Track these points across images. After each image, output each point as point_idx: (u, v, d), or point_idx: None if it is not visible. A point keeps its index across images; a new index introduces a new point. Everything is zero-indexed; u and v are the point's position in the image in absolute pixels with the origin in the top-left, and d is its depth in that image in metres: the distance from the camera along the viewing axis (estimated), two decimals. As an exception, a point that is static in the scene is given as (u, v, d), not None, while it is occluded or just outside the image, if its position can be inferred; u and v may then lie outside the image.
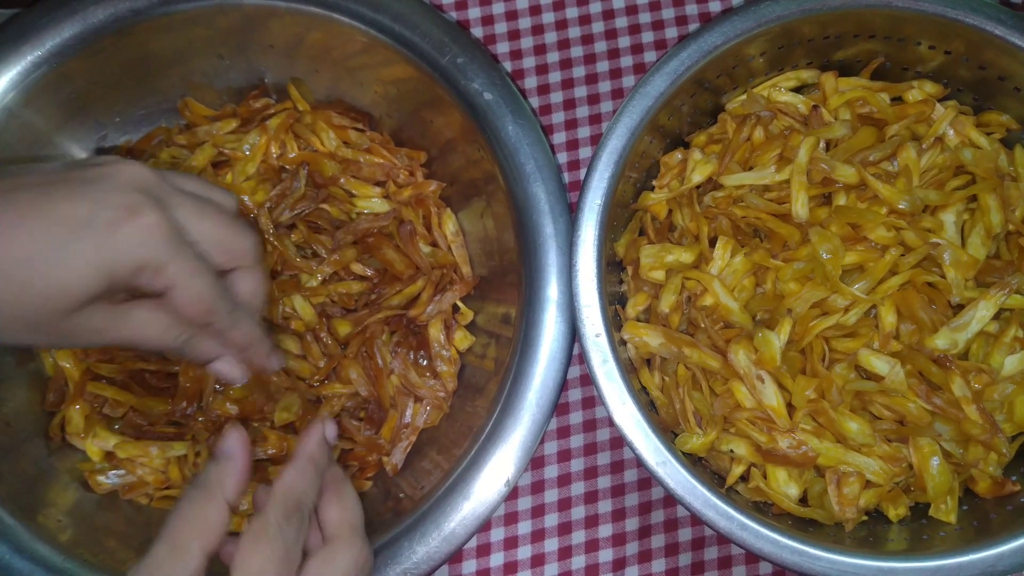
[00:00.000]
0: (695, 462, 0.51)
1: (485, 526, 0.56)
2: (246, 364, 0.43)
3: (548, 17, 0.65)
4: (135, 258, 0.34)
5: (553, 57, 0.64)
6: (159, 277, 0.36)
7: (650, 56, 0.65)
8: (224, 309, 0.39)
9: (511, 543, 0.58)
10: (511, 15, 0.65)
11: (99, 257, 0.34)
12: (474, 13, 0.65)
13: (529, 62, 0.64)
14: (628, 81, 0.64)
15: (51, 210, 0.33)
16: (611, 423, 0.58)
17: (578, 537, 0.58)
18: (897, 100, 0.56)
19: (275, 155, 0.59)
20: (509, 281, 0.55)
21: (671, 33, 0.65)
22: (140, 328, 0.37)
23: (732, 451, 0.50)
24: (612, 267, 0.55)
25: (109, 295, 0.36)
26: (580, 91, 0.64)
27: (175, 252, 0.35)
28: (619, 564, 0.58)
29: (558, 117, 0.64)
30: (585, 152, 0.63)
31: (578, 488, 0.59)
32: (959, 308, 0.50)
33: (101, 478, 0.54)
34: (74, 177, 0.35)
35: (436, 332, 0.57)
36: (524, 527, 0.58)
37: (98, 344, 0.38)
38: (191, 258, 0.36)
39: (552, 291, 0.51)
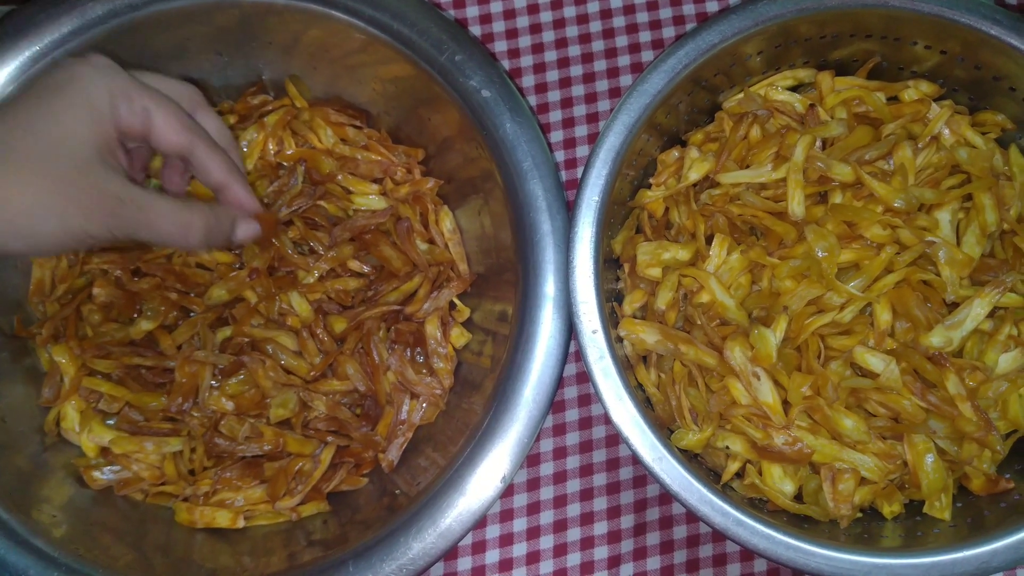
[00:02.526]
0: (691, 459, 0.51)
1: (481, 523, 0.56)
2: (232, 202, 0.48)
3: (546, 16, 0.65)
4: (102, 87, 0.40)
5: (551, 56, 0.65)
6: (134, 104, 0.41)
7: (647, 55, 0.65)
8: (203, 134, 0.44)
9: (506, 540, 0.58)
10: (509, 13, 0.65)
11: (77, 99, 0.39)
12: (472, 11, 0.65)
13: (527, 60, 0.64)
14: (625, 80, 0.64)
15: (27, 97, 0.39)
16: (607, 420, 0.58)
17: (573, 534, 0.58)
18: (893, 99, 0.56)
19: (272, 152, 0.59)
20: (506, 278, 0.55)
21: (668, 32, 0.65)
22: (166, 211, 0.42)
23: (728, 448, 0.51)
24: (609, 264, 0.55)
25: (113, 159, 0.41)
26: (577, 90, 0.64)
27: (135, 83, 0.41)
28: (614, 561, 0.58)
29: (555, 115, 0.64)
30: (582, 150, 0.63)
31: (573, 485, 0.59)
32: (954, 306, 0.50)
33: (96, 474, 0.54)
34: (42, 77, 0.41)
35: (433, 329, 0.57)
36: (519, 524, 0.58)
37: (128, 222, 0.41)
38: (155, 92, 0.42)
39: (549, 288, 0.52)
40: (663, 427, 0.52)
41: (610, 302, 0.53)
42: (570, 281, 0.50)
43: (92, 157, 0.39)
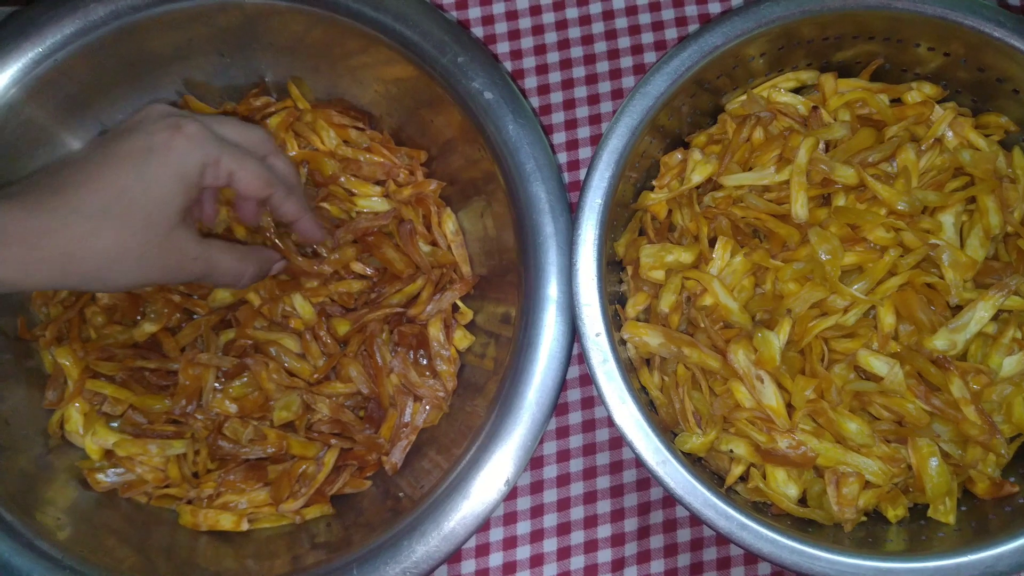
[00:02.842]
0: (694, 462, 0.51)
1: (484, 526, 0.57)
2: (303, 234, 0.53)
3: (548, 17, 0.65)
4: (196, 159, 0.43)
5: (553, 57, 0.64)
6: (220, 168, 0.44)
7: (650, 57, 0.65)
8: (278, 181, 0.48)
9: (510, 543, 0.58)
10: (511, 15, 0.65)
11: (170, 169, 0.42)
12: (474, 13, 0.65)
13: (529, 62, 0.64)
14: (628, 82, 0.64)
15: (117, 154, 0.42)
16: (610, 423, 0.58)
17: (577, 537, 0.58)
18: (896, 102, 0.56)
19: (275, 154, 0.59)
20: (509, 280, 0.55)
21: (671, 34, 0.65)
22: (222, 256, 0.47)
23: (731, 451, 0.51)
24: (612, 267, 0.55)
25: (192, 216, 0.46)
26: (580, 91, 0.64)
27: (222, 146, 0.44)
28: (618, 564, 0.58)
29: (558, 117, 0.64)
30: (585, 152, 0.63)
31: (577, 488, 0.59)
32: (958, 309, 0.50)
33: (100, 476, 0.54)
34: (120, 130, 0.44)
35: (436, 331, 0.57)
36: (523, 527, 0.58)
37: (194, 274, 0.46)
38: (234, 148, 0.45)
39: (552, 290, 0.51)
40: (667, 430, 0.52)
41: (613, 305, 0.53)
42: (573, 283, 0.50)
43: (177, 222, 0.43)
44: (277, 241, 0.56)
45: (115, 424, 0.55)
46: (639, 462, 0.48)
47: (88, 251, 0.41)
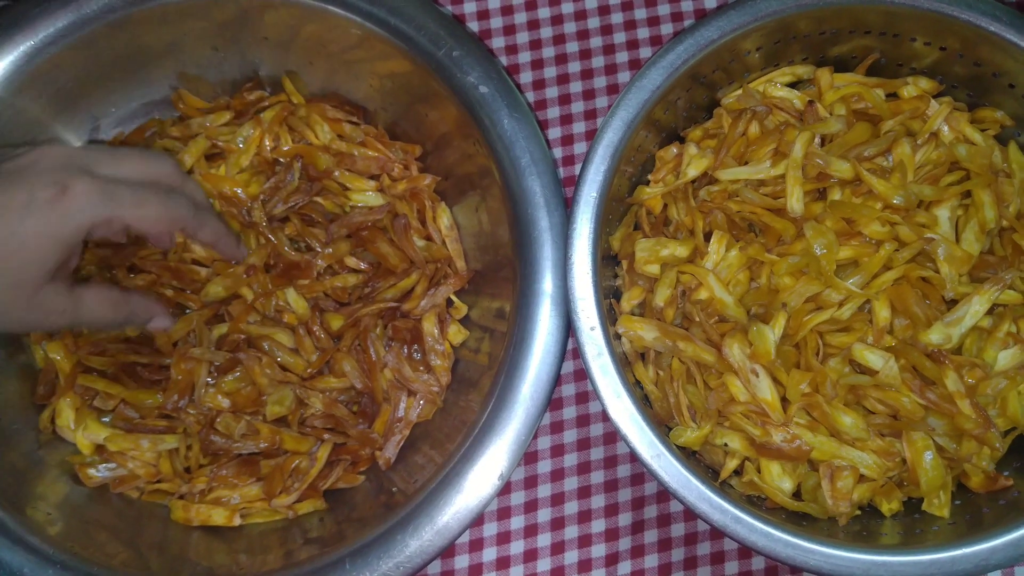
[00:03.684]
0: (689, 456, 0.51)
1: (478, 521, 0.56)
2: (224, 256, 0.52)
3: (544, 12, 0.65)
4: (81, 222, 0.40)
5: (549, 52, 0.64)
6: (113, 224, 0.41)
7: (645, 52, 0.65)
8: (184, 211, 0.45)
9: (504, 538, 0.58)
10: (507, 10, 0.65)
11: (50, 231, 0.39)
12: (470, 7, 0.65)
13: (525, 57, 0.64)
14: (624, 77, 0.64)
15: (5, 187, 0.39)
16: (605, 418, 0.58)
17: (571, 532, 0.58)
18: (892, 96, 0.56)
19: (269, 148, 0.59)
20: (504, 275, 0.55)
21: (667, 29, 0.65)
22: (92, 308, 0.44)
23: (726, 445, 0.50)
24: (607, 261, 0.55)
25: (65, 272, 0.42)
26: (575, 86, 0.64)
27: (112, 199, 0.41)
28: (612, 559, 0.58)
29: (553, 112, 0.64)
30: (580, 147, 0.63)
31: (571, 483, 0.58)
32: (953, 303, 0.50)
33: (91, 471, 0.54)
34: (5, 173, 0.40)
35: (430, 326, 0.57)
36: (517, 522, 0.58)
37: (59, 326, 0.44)
38: (128, 194, 0.42)
39: (547, 285, 0.51)
40: (661, 424, 0.52)
41: (608, 299, 0.53)
42: (568, 278, 0.50)
43: (43, 281, 0.40)
44: (270, 236, 0.56)
45: (107, 419, 0.55)
46: (633, 456, 0.48)
47: None
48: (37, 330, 0.45)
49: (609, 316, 0.51)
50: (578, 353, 0.49)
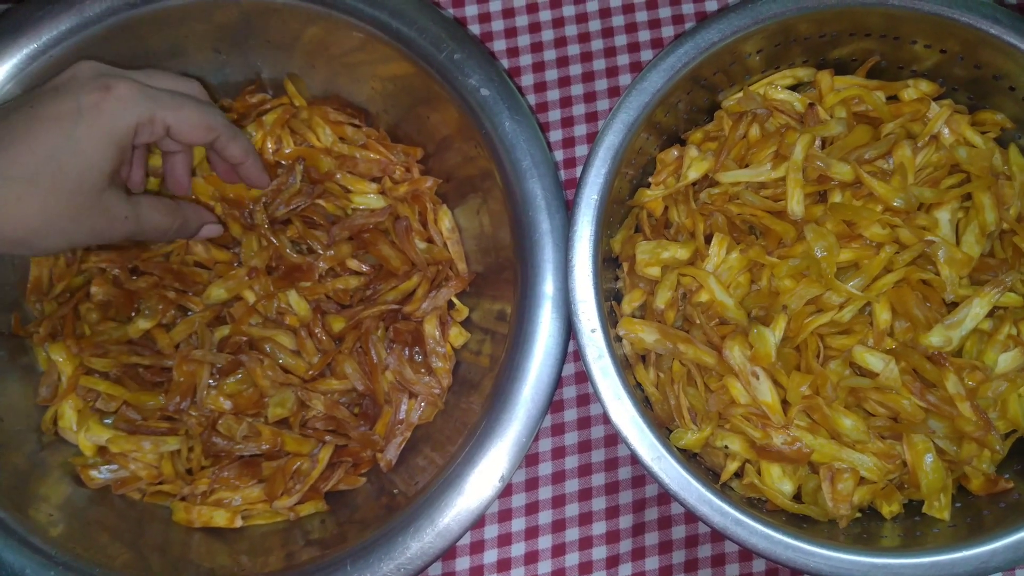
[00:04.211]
0: (690, 458, 0.51)
1: (479, 522, 0.56)
2: (248, 179, 0.53)
3: (545, 15, 0.65)
4: (128, 121, 0.42)
5: (550, 55, 0.64)
6: (156, 126, 0.43)
7: (647, 54, 0.65)
8: (221, 120, 0.47)
9: (504, 540, 0.58)
10: (508, 12, 0.65)
11: (102, 132, 0.41)
12: (471, 10, 0.65)
13: (526, 59, 0.64)
14: (624, 79, 0.64)
15: (45, 116, 0.40)
16: (606, 420, 0.58)
17: (572, 534, 0.58)
18: (893, 99, 0.56)
19: (271, 150, 0.59)
20: (505, 277, 0.55)
21: (668, 31, 0.65)
22: (150, 215, 0.46)
23: (727, 447, 0.50)
24: (608, 263, 0.55)
25: (119, 175, 0.44)
26: (576, 89, 0.64)
27: (155, 101, 0.43)
28: (612, 561, 0.58)
29: (554, 115, 0.64)
30: (581, 150, 0.63)
31: (572, 485, 0.58)
32: (953, 306, 0.50)
33: (93, 473, 0.54)
34: (47, 89, 0.42)
35: (431, 328, 0.57)
36: (518, 524, 0.58)
37: (123, 234, 0.45)
38: (169, 99, 0.44)
39: (548, 287, 0.51)
40: (662, 426, 0.52)
41: (609, 301, 0.53)
42: (569, 280, 0.50)
43: (106, 185, 0.42)
44: (272, 238, 0.56)
45: (109, 421, 0.55)
46: (634, 459, 0.48)
47: (14, 218, 0.40)
48: (105, 239, 0.45)
49: (610, 318, 0.51)
50: (579, 355, 0.49)
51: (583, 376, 0.60)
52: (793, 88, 0.57)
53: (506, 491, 0.58)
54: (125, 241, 0.48)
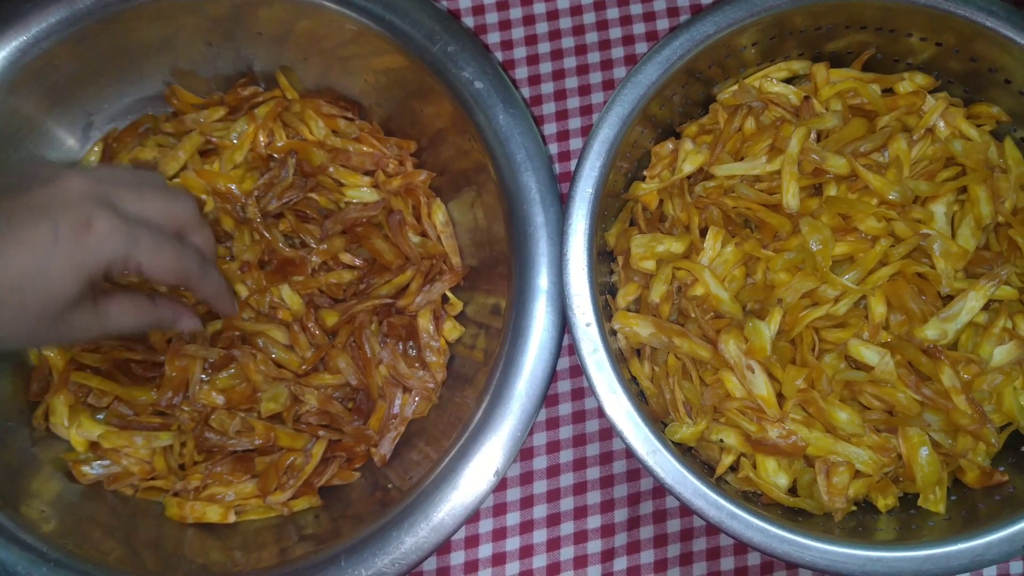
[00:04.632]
0: (685, 452, 0.51)
1: (474, 517, 0.56)
2: (216, 308, 0.50)
3: (539, 8, 0.65)
4: (102, 258, 0.40)
5: (544, 47, 0.64)
6: (129, 264, 0.41)
7: (641, 47, 0.64)
8: (194, 266, 0.45)
9: (499, 534, 0.57)
10: (502, 5, 0.64)
11: (74, 265, 0.39)
12: (465, 2, 0.64)
13: (520, 52, 0.64)
14: (619, 72, 0.64)
15: (22, 238, 0.39)
16: (601, 414, 0.58)
17: (567, 528, 0.58)
18: (888, 91, 0.56)
19: (263, 143, 0.58)
20: (499, 271, 0.55)
21: (662, 24, 0.65)
22: (118, 319, 0.44)
23: (722, 441, 0.50)
24: (603, 257, 0.54)
25: (91, 293, 0.42)
26: (571, 82, 0.64)
27: (133, 241, 0.41)
28: (608, 555, 0.58)
29: (549, 108, 0.63)
30: (576, 143, 0.63)
31: (567, 479, 0.58)
32: (949, 299, 0.50)
33: (85, 468, 0.54)
34: (30, 204, 0.40)
35: (425, 322, 0.57)
36: (513, 518, 0.58)
37: (86, 339, 0.45)
38: (148, 239, 0.42)
39: (542, 281, 0.51)
40: (657, 420, 0.52)
41: (604, 295, 0.53)
42: (563, 274, 0.50)
43: (71, 304, 0.41)
44: (265, 232, 0.56)
45: (100, 416, 0.55)
46: (629, 452, 0.48)
47: None
48: (70, 344, 0.46)
49: (605, 312, 0.51)
50: (574, 349, 0.49)
51: (578, 370, 0.60)
52: (788, 81, 0.56)
53: (501, 485, 0.58)
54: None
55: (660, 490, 0.58)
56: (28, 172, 0.42)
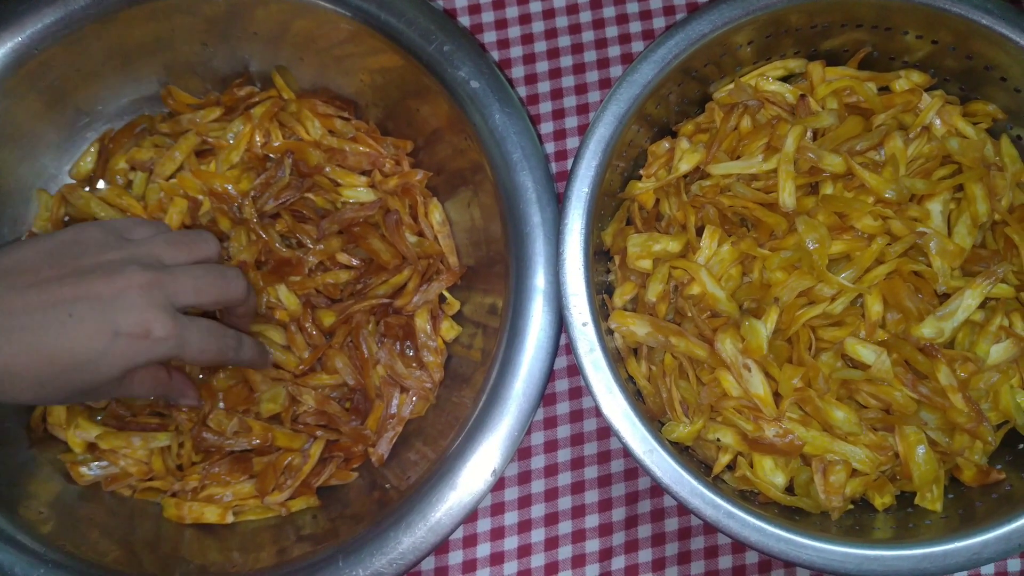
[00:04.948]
0: (682, 451, 0.51)
1: (471, 516, 0.56)
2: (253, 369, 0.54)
3: (536, 6, 0.65)
4: (153, 359, 0.43)
5: (540, 46, 0.64)
6: (174, 359, 0.44)
7: (638, 46, 0.64)
8: (231, 348, 0.48)
9: (497, 534, 0.58)
10: (498, 4, 0.64)
11: (126, 362, 0.42)
12: (461, 2, 0.64)
13: (516, 51, 0.64)
14: (616, 71, 0.64)
15: (82, 332, 0.41)
16: (598, 413, 0.58)
17: (564, 527, 0.58)
18: (884, 90, 0.56)
19: (259, 144, 0.58)
20: (496, 271, 0.55)
21: (659, 22, 0.65)
22: (137, 389, 0.46)
23: (719, 440, 0.50)
24: (599, 256, 0.54)
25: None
26: (567, 81, 0.64)
27: (184, 344, 0.43)
28: (605, 554, 0.58)
29: (545, 107, 0.63)
30: (572, 142, 0.63)
31: (565, 478, 0.58)
32: (945, 297, 0.50)
33: (83, 469, 0.54)
34: (91, 295, 0.42)
35: (422, 322, 0.57)
36: (511, 517, 0.58)
37: (103, 399, 0.50)
38: (196, 338, 0.44)
39: (539, 280, 0.51)
40: (654, 420, 0.52)
41: (600, 294, 0.53)
42: (560, 273, 0.50)
43: (107, 385, 0.43)
44: (261, 232, 0.56)
45: (98, 417, 0.55)
46: (626, 452, 0.48)
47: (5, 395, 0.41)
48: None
49: (601, 312, 0.51)
50: (571, 349, 0.49)
51: (575, 369, 0.60)
52: (784, 79, 0.56)
53: (498, 485, 0.58)
54: None
55: (658, 489, 0.58)
56: (89, 241, 0.44)
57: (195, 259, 0.46)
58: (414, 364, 0.57)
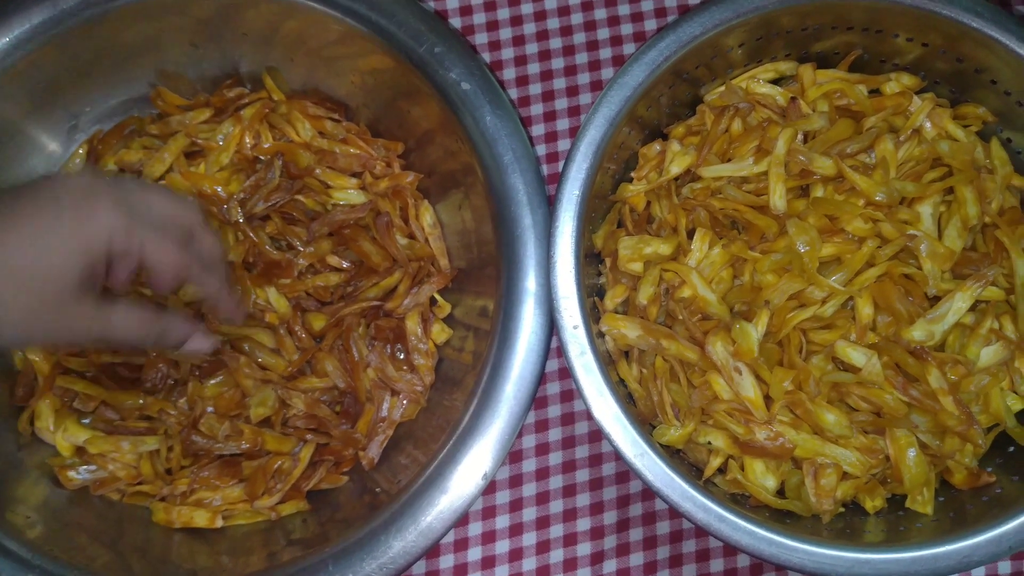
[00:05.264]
0: (673, 454, 0.51)
1: (462, 520, 0.56)
2: (219, 315, 0.49)
3: (527, 8, 0.64)
4: (103, 233, 0.39)
5: (532, 48, 0.64)
6: (129, 245, 0.40)
7: (629, 48, 0.64)
8: (196, 270, 0.44)
9: (489, 537, 0.57)
10: (489, 5, 0.64)
11: (76, 240, 0.39)
12: (452, 3, 0.64)
13: (507, 53, 0.64)
14: (607, 73, 0.64)
15: (25, 221, 0.38)
16: (589, 416, 0.58)
17: (556, 531, 0.58)
18: (875, 92, 0.56)
19: (249, 145, 0.58)
20: (487, 273, 0.54)
21: (650, 25, 0.64)
22: (121, 325, 0.42)
23: (710, 443, 0.50)
24: (590, 259, 0.54)
25: (92, 286, 0.41)
26: (559, 83, 0.64)
27: (135, 223, 0.40)
28: (597, 558, 0.57)
29: (536, 109, 0.63)
30: (564, 144, 0.63)
31: (556, 482, 0.58)
32: (936, 300, 0.50)
33: (71, 473, 0.54)
34: (35, 194, 0.39)
35: (413, 325, 0.56)
36: (502, 521, 0.58)
37: (88, 340, 0.42)
38: (151, 228, 0.41)
39: (530, 283, 0.51)
40: (645, 423, 0.52)
41: (591, 297, 0.53)
42: (551, 276, 0.49)
43: (72, 291, 0.40)
44: (251, 234, 0.55)
45: (86, 421, 0.54)
46: (618, 455, 0.48)
47: None
48: (62, 344, 0.45)
49: (592, 314, 0.51)
50: (562, 351, 0.49)
51: (566, 372, 0.59)
52: (775, 82, 0.56)
53: (489, 488, 0.58)
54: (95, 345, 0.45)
55: (649, 492, 0.58)
56: (34, 179, 0.42)
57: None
58: (405, 367, 0.56)
